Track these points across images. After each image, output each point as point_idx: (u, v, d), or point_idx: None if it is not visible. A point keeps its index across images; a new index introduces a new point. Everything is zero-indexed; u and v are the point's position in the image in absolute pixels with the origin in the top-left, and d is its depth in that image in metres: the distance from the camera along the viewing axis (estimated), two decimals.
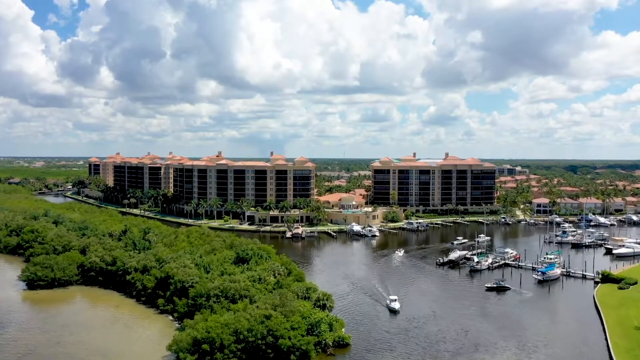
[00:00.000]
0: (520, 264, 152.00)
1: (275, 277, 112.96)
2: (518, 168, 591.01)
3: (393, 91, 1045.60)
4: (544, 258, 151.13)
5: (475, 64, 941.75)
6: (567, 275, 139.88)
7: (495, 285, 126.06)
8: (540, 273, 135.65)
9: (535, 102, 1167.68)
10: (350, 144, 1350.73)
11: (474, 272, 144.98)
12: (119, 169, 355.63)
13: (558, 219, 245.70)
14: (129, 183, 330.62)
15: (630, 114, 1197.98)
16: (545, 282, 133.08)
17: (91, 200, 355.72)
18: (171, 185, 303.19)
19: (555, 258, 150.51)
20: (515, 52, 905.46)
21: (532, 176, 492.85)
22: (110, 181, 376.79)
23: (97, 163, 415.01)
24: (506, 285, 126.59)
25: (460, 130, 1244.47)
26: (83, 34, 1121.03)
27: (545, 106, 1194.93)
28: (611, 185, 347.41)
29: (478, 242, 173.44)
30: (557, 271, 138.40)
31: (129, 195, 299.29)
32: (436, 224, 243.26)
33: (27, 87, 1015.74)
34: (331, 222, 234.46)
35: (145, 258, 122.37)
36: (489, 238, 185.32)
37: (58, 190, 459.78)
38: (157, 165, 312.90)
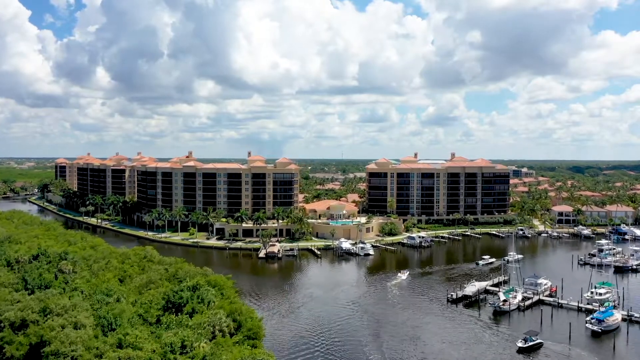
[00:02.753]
0: (560, 301, 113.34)
1: (214, 337, 75.33)
2: (524, 169, 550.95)
3: (391, 91, 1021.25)
4: (592, 293, 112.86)
5: (474, 63, 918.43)
6: (629, 319, 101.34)
7: (527, 345, 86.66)
8: (595, 320, 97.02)
9: (534, 102, 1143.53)
10: (348, 145, 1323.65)
11: (499, 314, 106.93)
12: (82, 172, 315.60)
13: (586, 231, 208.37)
14: (92, 188, 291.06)
15: (629, 115, 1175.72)
16: (604, 333, 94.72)
17: (52, 207, 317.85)
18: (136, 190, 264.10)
19: (608, 293, 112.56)
20: (514, 51, 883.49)
21: (540, 178, 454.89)
22: (75, 185, 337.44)
23: (63, 165, 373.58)
24: (540, 341, 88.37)
25: (459, 130, 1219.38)
26: (80, 34, 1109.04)
27: (544, 106, 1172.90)
28: (635, 190, 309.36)
29: (508, 261, 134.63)
30: (618, 316, 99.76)
31: (87, 202, 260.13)
32: (442, 237, 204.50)
33: (23, 87, 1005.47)
34: (316, 236, 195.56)
35: (27, 306, 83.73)
36: (521, 256, 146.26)
37: (26, 195, 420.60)
38: (121, 168, 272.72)
